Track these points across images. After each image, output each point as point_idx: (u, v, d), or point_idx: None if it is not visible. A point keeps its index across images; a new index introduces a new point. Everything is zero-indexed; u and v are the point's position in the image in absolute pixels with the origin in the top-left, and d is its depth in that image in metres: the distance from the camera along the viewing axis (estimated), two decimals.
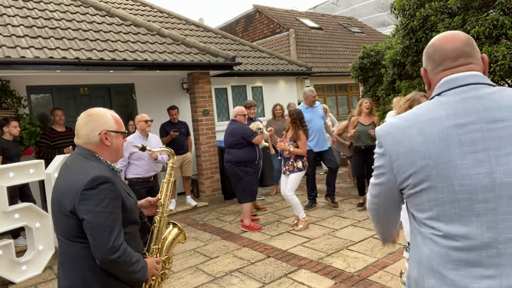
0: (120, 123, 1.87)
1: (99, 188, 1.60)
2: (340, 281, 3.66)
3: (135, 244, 1.78)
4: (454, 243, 1.10)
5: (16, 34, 5.58)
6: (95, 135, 1.75)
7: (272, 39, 14.22)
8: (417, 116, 1.19)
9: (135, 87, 7.48)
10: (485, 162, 1.07)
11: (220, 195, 7.27)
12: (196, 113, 7.14)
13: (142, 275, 1.72)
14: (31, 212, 4.38)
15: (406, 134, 1.17)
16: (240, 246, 4.85)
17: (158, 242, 1.96)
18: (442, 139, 1.11)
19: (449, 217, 1.11)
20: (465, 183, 1.08)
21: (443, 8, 5.11)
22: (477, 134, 1.09)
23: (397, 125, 1.21)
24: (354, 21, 18.62)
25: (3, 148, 5.03)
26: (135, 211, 1.81)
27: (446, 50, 1.21)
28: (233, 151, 5.42)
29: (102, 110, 1.84)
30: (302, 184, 8.10)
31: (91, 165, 1.69)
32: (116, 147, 1.82)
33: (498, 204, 1.06)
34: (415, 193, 1.17)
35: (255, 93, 9.31)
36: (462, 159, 1.09)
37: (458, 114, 1.12)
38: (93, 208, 1.58)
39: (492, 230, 1.07)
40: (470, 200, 1.08)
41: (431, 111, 1.17)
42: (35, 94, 6.57)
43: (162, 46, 6.75)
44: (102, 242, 1.57)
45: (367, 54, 8.17)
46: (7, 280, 4.13)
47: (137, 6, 9.40)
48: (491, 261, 1.07)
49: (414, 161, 1.14)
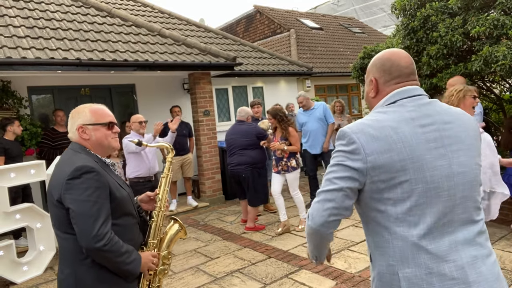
0: (100, 115, 1.84)
1: (83, 178, 1.63)
2: (341, 282, 3.65)
3: (131, 237, 1.79)
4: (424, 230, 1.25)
5: (17, 34, 5.59)
6: (74, 131, 1.82)
7: (273, 40, 14.21)
8: (387, 117, 1.32)
9: (136, 87, 7.48)
10: (445, 155, 1.29)
11: (221, 196, 7.27)
12: (197, 113, 7.14)
13: (134, 267, 1.72)
14: (32, 212, 4.38)
15: (381, 132, 1.28)
16: (241, 246, 4.84)
17: (156, 236, 1.97)
18: (413, 137, 1.28)
19: (420, 207, 1.25)
20: (434, 174, 1.26)
21: (443, 8, 5.10)
22: (436, 133, 1.30)
23: (369, 124, 1.31)
24: (355, 21, 18.61)
25: (5, 149, 5.04)
26: (127, 203, 1.81)
27: (402, 67, 1.41)
28: (248, 152, 5.29)
29: (82, 106, 1.88)
30: (303, 184, 8.12)
31: (79, 157, 1.73)
32: (97, 139, 1.82)
33: (456, 191, 1.28)
34: (389, 187, 1.26)
35: (256, 93, 9.31)
36: (430, 153, 1.27)
37: (420, 117, 1.32)
38: (77, 197, 1.61)
39: (451, 213, 1.27)
40: (437, 188, 1.26)
41: (398, 113, 1.33)
42: (36, 95, 6.58)
43: (163, 46, 6.75)
44: (86, 230, 1.59)
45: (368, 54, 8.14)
46: (8, 281, 4.14)
47: (138, 7, 9.42)
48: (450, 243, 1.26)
49: (391, 157, 1.25)
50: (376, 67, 1.45)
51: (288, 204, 6.63)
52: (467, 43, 4.95)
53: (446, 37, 4.87)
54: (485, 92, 5.79)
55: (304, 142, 6.26)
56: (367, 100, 1.51)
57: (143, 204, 2.09)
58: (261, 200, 5.47)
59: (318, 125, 6.09)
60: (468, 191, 1.30)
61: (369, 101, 1.50)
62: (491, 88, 5.79)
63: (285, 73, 9.32)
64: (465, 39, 4.83)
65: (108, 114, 1.89)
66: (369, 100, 1.49)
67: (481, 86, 5.71)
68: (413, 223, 1.25)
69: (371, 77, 1.45)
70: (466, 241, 1.28)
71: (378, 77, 1.43)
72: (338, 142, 1.35)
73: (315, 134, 6.09)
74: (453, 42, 4.82)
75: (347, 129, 1.33)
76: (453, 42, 4.82)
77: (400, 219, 1.26)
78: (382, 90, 1.42)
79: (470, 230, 1.30)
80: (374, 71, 1.45)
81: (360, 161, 1.27)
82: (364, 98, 1.56)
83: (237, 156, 5.36)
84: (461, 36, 4.80)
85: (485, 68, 4.52)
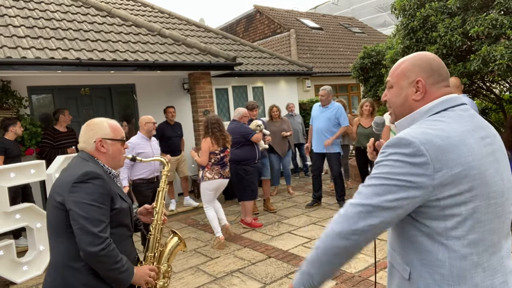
0: (118, 131, 1.94)
1: (90, 183, 1.69)
2: (341, 282, 3.66)
3: (124, 249, 1.81)
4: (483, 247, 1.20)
5: (17, 34, 5.60)
6: (91, 143, 1.87)
7: (273, 40, 14.22)
8: (451, 127, 1.21)
9: (136, 87, 7.48)
10: (499, 170, 1.22)
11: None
12: (197, 113, 7.15)
13: (127, 277, 1.75)
14: (32, 212, 4.38)
15: (450, 144, 1.16)
16: (241, 246, 4.85)
17: (154, 250, 2.01)
18: (479, 150, 1.20)
19: (480, 224, 1.18)
20: (495, 190, 1.19)
21: (443, 8, 5.11)
22: (491, 147, 1.23)
23: (436, 134, 1.18)
24: (355, 21, 18.61)
25: (6, 148, 5.05)
26: (126, 215, 1.87)
27: (445, 70, 1.33)
28: (233, 150, 5.41)
29: (100, 119, 1.95)
30: (303, 184, 8.13)
31: (87, 165, 1.79)
32: (113, 153, 1.90)
33: (506, 206, 1.23)
34: (452, 205, 1.16)
35: (256, 93, 9.32)
36: (491, 168, 1.20)
37: (478, 129, 1.24)
38: (81, 199, 1.66)
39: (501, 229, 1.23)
40: (495, 204, 1.20)
41: (458, 123, 1.22)
42: (36, 95, 6.58)
43: (163, 46, 6.76)
44: (87, 233, 1.62)
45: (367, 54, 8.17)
46: (8, 281, 4.14)
47: (138, 7, 9.42)
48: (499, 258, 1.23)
49: (460, 172, 1.15)
50: (420, 67, 1.30)
51: (288, 204, 6.65)
52: (466, 43, 4.96)
53: (445, 37, 4.88)
54: (484, 92, 5.80)
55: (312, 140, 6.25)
56: (403, 105, 1.34)
57: (142, 217, 2.14)
58: (248, 196, 5.52)
59: (326, 124, 5.99)
60: (511, 206, 1.27)
61: (408, 106, 1.33)
62: (491, 88, 5.79)
63: (285, 73, 9.32)
64: (464, 39, 4.84)
65: (122, 130, 1.99)
66: (408, 105, 1.32)
67: (481, 86, 5.71)
68: (474, 241, 1.18)
69: (415, 78, 1.30)
70: (507, 255, 1.26)
71: (426, 78, 1.29)
72: (397, 150, 1.19)
73: (321, 132, 6.04)
74: (453, 42, 4.83)
75: (412, 138, 1.17)
76: (453, 42, 4.83)
77: (460, 237, 1.17)
78: (430, 93, 1.29)
79: (509, 243, 1.29)
80: (418, 71, 1.30)
81: (427, 177, 1.14)
82: (394, 102, 1.37)
83: None
84: (460, 36, 4.81)
85: (483, 68, 4.53)
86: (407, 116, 1.33)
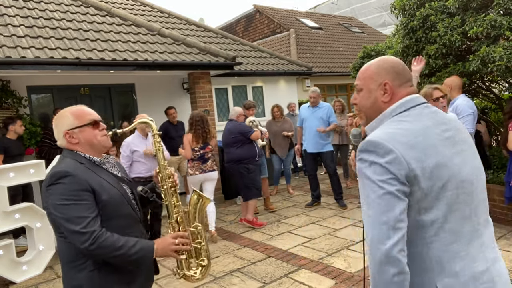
0: (82, 116, 1.79)
1: (59, 183, 1.62)
2: (341, 281, 3.66)
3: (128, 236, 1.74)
4: (460, 236, 1.24)
5: (17, 34, 5.59)
6: (61, 138, 1.79)
7: (273, 39, 14.22)
8: (413, 125, 1.28)
9: (136, 87, 7.48)
10: (466, 160, 1.29)
11: (221, 195, 7.27)
12: None
13: (143, 256, 1.69)
14: (31, 212, 4.38)
15: (414, 140, 1.22)
16: (240, 246, 4.85)
17: (173, 215, 1.90)
18: (442, 144, 1.26)
19: (455, 213, 1.23)
20: (464, 179, 1.25)
21: (442, 8, 5.12)
22: (453, 139, 1.30)
23: (399, 133, 1.25)
24: (355, 21, 18.61)
25: (5, 147, 5.06)
26: (119, 204, 1.75)
27: (408, 72, 1.41)
28: (233, 149, 5.44)
29: (62, 111, 1.83)
30: (303, 183, 8.13)
31: (61, 163, 1.73)
32: (86, 140, 1.77)
33: (477, 194, 1.29)
34: (426, 196, 1.20)
35: (256, 93, 9.32)
36: (458, 159, 1.27)
37: (439, 124, 1.30)
38: (56, 202, 1.61)
39: (476, 216, 1.28)
40: (466, 193, 1.25)
41: (419, 121, 1.29)
42: (35, 94, 6.58)
43: (163, 46, 6.75)
44: (72, 232, 1.59)
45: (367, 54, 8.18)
46: (8, 280, 4.14)
47: (137, 6, 9.41)
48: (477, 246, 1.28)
49: (429, 164, 1.20)
50: (386, 70, 1.37)
51: (288, 204, 6.65)
52: (466, 43, 4.96)
53: (445, 37, 4.88)
54: (484, 92, 5.80)
55: (304, 139, 6.27)
56: (373, 108, 1.40)
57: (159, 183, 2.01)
58: (253, 194, 5.53)
59: (319, 123, 6.05)
60: (483, 194, 1.33)
61: (377, 108, 1.39)
62: (490, 87, 5.80)
63: (285, 72, 9.32)
64: (463, 39, 4.84)
65: (89, 112, 1.83)
66: (378, 107, 1.38)
67: (480, 85, 5.72)
68: (449, 231, 1.22)
69: (382, 81, 1.36)
70: (489, 242, 1.31)
71: (391, 80, 1.36)
72: (368, 156, 1.24)
73: (312, 132, 6.09)
74: (452, 42, 4.83)
75: (377, 138, 1.24)
76: (452, 42, 4.83)
77: (437, 228, 1.22)
78: (396, 94, 1.36)
79: (490, 231, 1.33)
80: (384, 75, 1.37)
81: (404, 170, 1.18)
82: (364, 105, 1.43)
83: (226, 154, 5.59)
84: (460, 36, 4.81)
85: (482, 68, 4.53)
86: (375, 119, 1.39)
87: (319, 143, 6.09)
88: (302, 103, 10.26)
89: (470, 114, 4.05)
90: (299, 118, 6.38)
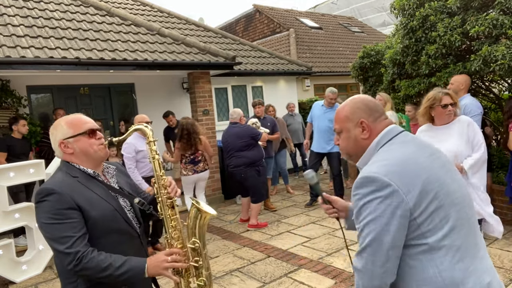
0: (76, 124, 1.72)
1: (46, 200, 1.58)
2: (340, 281, 3.66)
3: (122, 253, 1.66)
4: (464, 252, 1.27)
5: (16, 34, 5.59)
6: (57, 148, 1.73)
7: (272, 39, 14.21)
8: (401, 153, 1.34)
9: (135, 86, 7.48)
10: (454, 179, 1.35)
11: (220, 195, 7.27)
12: (196, 113, 7.14)
13: (133, 276, 1.60)
14: (31, 211, 4.38)
15: (406, 167, 1.28)
16: (240, 245, 4.85)
17: (169, 230, 1.79)
18: (431, 164, 1.32)
19: (455, 230, 1.26)
20: (456, 197, 1.30)
21: (442, 8, 5.11)
22: (440, 160, 1.36)
23: (390, 163, 1.30)
24: (354, 20, 18.61)
25: (8, 146, 5.08)
26: (114, 219, 1.68)
27: (380, 106, 1.50)
28: (245, 153, 5.38)
29: (57, 121, 1.77)
30: (303, 183, 8.13)
31: (53, 178, 1.69)
32: (81, 150, 1.70)
33: (468, 210, 1.34)
34: (428, 218, 1.24)
35: (255, 92, 9.31)
36: (447, 178, 1.32)
37: (422, 148, 1.37)
38: (42, 220, 1.58)
39: (473, 232, 1.33)
40: (462, 210, 1.30)
41: (405, 147, 1.37)
42: (35, 94, 6.58)
43: (162, 45, 6.75)
44: (57, 252, 1.57)
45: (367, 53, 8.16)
46: (8, 280, 4.14)
47: (137, 6, 9.41)
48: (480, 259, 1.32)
49: (424, 188, 1.25)
50: (360, 109, 1.46)
51: (287, 204, 6.65)
52: (466, 42, 4.95)
53: (445, 36, 4.88)
54: (484, 92, 5.80)
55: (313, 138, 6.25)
56: (355, 146, 1.47)
57: None
58: (263, 196, 5.60)
59: (329, 125, 6.03)
60: (472, 209, 1.39)
61: (359, 145, 1.46)
62: (490, 87, 5.79)
63: (285, 72, 9.32)
64: (464, 38, 4.84)
65: (86, 121, 1.75)
66: (360, 144, 1.46)
67: (480, 85, 5.72)
68: (455, 249, 1.25)
69: (358, 120, 1.44)
70: (485, 254, 1.36)
71: (367, 117, 1.44)
72: (366, 190, 1.27)
73: (323, 133, 6.07)
74: (452, 41, 4.82)
75: (373, 174, 1.27)
76: (452, 41, 4.82)
77: (444, 248, 1.24)
78: (374, 129, 1.44)
79: (483, 242, 1.40)
80: (360, 113, 1.45)
81: (403, 203, 1.22)
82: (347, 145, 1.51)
83: (235, 159, 5.45)
84: (460, 36, 4.81)
85: (484, 68, 4.53)
86: (363, 155, 1.45)
87: (328, 143, 6.06)
88: (302, 103, 10.27)
89: (479, 114, 4.07)
90: (310, 114, 6.37)
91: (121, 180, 1.87)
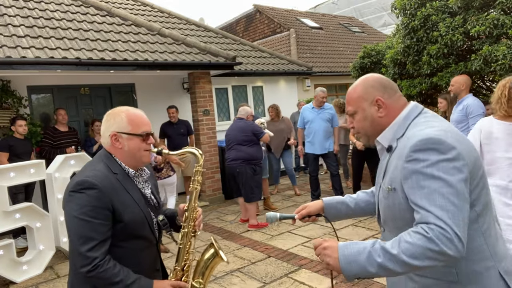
0: (137, 124, 1.66)
1: (84, 193, 1.51)
2: (341, 281, 3.65)
3: (138, 261, 1.64)
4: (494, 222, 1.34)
5: (17, 34, 5.59)
6: (106, 137, 1.66)
7: (273, 39, 14.20)
8: (446, 124, 1.32)
9: (136, 87, 7.48)
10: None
11: (221, 195, 7.27)
12: (196, 113, 7.14)
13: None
14: (32, 212, 4.38)
15: (457, 135, 1.27)
16: (240, 246, 4.85)
17: (182, 262, 1.74)
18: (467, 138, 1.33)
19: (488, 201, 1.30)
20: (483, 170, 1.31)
21: (444, 8, 5.11)
22: None
23: (444, 129, 1.26)
24: (355, 20, 18.60)
25: (10, 145, 5.08)
26: (140, 225, 1.64)
27: (393, 83, 1.47)
28: (244, 148, 5.38)
29: (119, 108, 1.70)
30: (303, 183, 8.12)
31: (96, 168, 1.61)
32: (130, 150, 1.65)
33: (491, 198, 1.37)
34: (474, 188, 1.24)
35: (256, 93, 9.31)
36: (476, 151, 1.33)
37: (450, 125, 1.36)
38: (72, 211, 1.51)
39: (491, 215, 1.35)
40: (488, 194, 1.32)
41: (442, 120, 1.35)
42: (35, 94, 6.57)
43: (163, 46, 6.75)
44: (75, 251, 1.51)
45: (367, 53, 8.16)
46: (8, 280, 4.14)
47: (137, 6, 9.41)
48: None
49: (474, 156, 1.26)
50: (374, 87, 1.42)
51: (288, 204, 6.64)
52: (467, 42, 4.95)
53: (446, 36, 4.88)
54: (484, 92, 5.80)
55: (307, 141, 6.24)
56: (372, 125, 1.43)
57: (181, 218, 1.84)
58: (256, 197, 5.52)
59: (325, 125, 6.06)
60: None
61: (377, 124, 1.42)
62: (491, 87, 5.79)
63: (285, 72, 9.32)
64: (465, 38, 4.84)
65: (145, 123, 1.68)
66: (377, 123, 1.42)
67: (481, 85, 5.71)
68: (492, 218, 1.31)
69: (374, 98, 1.41)
70: None
71: (382, 95, 1.41)
72: (432, 153, 1.19)
73: (319, 134, 6.07)
74: (453, 41, 4.82)
75: (438, 136, 1.21)
76: (453, 41, 4.82)
77: (484, 218, 1.27)
78: (390, 106, 1.40)
79: None
80: (374, 92, 1.41)
81: (466, 166, 1.19)
82: (363, 126, 1.45)
83: (234, 151, 5.48)
84: (461, 36, 4.80)
85: (485, 68, 4.53)
86: (388, 128, 1.40)
87: (327, 144, 6.11)
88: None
89: (482, 114, 4.08)
90: (300, 119, 6.33)
91: (151, 187, 1.83)
